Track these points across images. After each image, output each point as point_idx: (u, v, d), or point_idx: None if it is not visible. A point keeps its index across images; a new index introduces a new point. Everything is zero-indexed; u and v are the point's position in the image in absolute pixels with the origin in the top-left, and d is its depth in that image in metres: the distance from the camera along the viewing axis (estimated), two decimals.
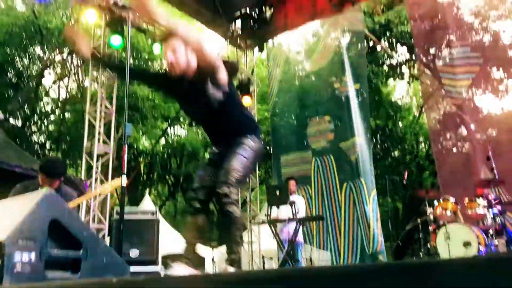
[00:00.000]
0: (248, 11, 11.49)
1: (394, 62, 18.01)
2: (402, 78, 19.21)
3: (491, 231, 6.08)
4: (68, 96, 20.44)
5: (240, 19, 11.61)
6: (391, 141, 18.81)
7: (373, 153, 16.73)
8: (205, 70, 2.95)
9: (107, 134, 8.43)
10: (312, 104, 11.88)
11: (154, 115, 17.33)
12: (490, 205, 6.20)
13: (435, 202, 6.44)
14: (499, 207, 6.21)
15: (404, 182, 8.65)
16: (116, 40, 8.28)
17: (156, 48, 9.73)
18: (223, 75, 2.98)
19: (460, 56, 10.56)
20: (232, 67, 3.20)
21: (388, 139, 18.70)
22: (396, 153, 20.02)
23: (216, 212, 3.32)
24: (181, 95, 3.21)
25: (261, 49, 11.83)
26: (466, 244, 5.77)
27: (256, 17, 11.48)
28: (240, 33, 11.73)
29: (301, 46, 16.91)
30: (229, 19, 11.69)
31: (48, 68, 19.90)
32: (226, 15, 11.44)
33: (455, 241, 5.83)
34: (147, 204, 13.40)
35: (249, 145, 3.06)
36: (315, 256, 10.18)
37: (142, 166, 23.36)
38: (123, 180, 3.84)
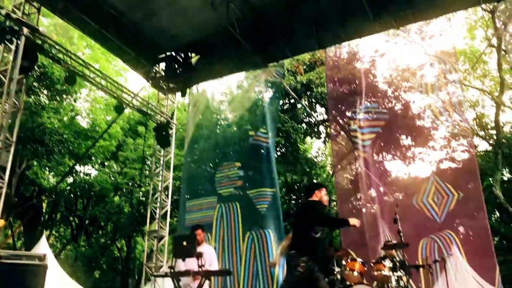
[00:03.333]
0: (173, 54, 11.36)
1: (312, 120, 18.62)
2: (319, 137, 19.86)
3: None
4: None
5: (164, 61, 11.44)
6: None
7: (287, 207, 16.90)
8: None
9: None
10: (228, 152, 11.77)
11: (62, 150, 16.20)
12: (395, 268, 6.26)
13: (343, 262, 6.39)
14: (403, 269, 6.29)
15: None
16: None
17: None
18: None
19: (368, 111, 11.11)
20: None
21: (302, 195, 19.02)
22: None
23: None
24: None
25: (183, 94, 11.62)
26: None
27: (181, 61, 11.36)
28: (163, 75, 11.52)
29: (225, 95, 17.03)
30: (153, 61, 11.47)
31: None
32: (150, 56, 11.23)
33: None
34: (42, 247, 12.12)
35: None
36: None
37: (44, 204, 21.57)
38: None
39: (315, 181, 20.16)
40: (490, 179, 15.83)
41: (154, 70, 11.58)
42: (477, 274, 8.49)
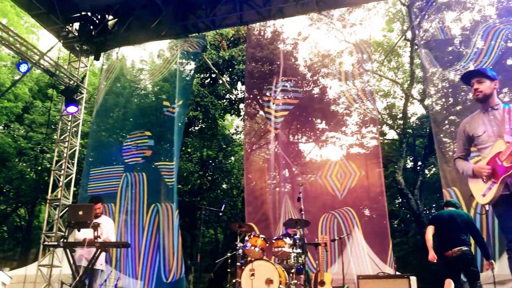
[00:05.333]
0: (89, 15, 10.68)
1: (233, 97, 18.59)
2: (239, 115, 19.92)
3: (293, 270, 6.31)
4: None
5: (78, 21, 10.72)
6: (220, 173, 19.16)
7: (200, 183, 16.85)
8: None
9: None
10: (143, 123, 11.39)
11: None
12: (295, 245, 6.45)
13: (246, 238, 6.48)
14: (301, 247, 6.50)
15: (220, 214, 8.68)
16: None
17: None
18: None
19: (283, 89, 11.29)
20: None
21: (217, 171, 19.01)
22: (225, 185, 20.45)
23: None
24: None
25: (97, 58, 10.97)
26: (269, 281, 5.87)
27: (97, 22, 10.72)
28: (76, 36, 10.81)
29: (145, 64, 16.45)
30: (66, 19, 10.71)
31: None
32: (62, 14, 10.46)
33: (258, 278, 5.88)
34: None
35: None
36: (124, 284, 9.49)
37: None
38: None
39: (232, 158, 20.28)
40: (396, 166, 16.87)
41: (66, 30, 10.81)
42: (374, 253, 9.01)
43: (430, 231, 5.87)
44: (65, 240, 5.19)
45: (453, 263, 5.59)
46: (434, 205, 21.61)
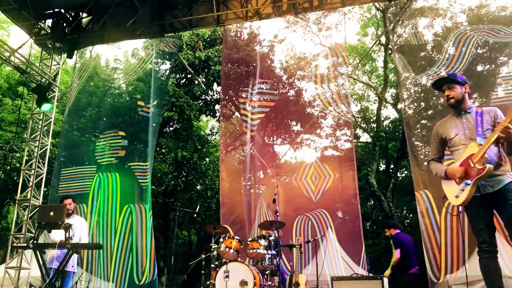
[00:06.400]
0: (62, 12, 10.48)
1: (209, 98, 18.50)
2: (214, 116, 19.84)
3: (267, 272, 6.32)
4: None
5: (51, 18, 10.51)
6: (194, 175, 19.04)
7: (175, 184, 16.71)
8: None
9: None
10: (117, 122, 11.21)
11: None
12: (269, 246, 6.47)
13: (221, 239, 6.46)
14: (276, 248, 6.52)
15: (195, 215, 8.63)
16: None
17: None
18: None
19: (259, 91, 11.32)
20: None
21: (192, 172, 18.88)
22: (199, 187, 20.33)
23: None
24: None
25: (69, 56, 10.77)
26: (243, 283, 5.86)
27: (71, 20, 10.52)
28: (49, 33, 10.58)
29: (119, 63, 16.23)
30: (38, 15, 10.48)
31: None
32: (35, 10, 10.23)
33: (233, 280, 5.88)
34: None
35: None
36: (95, 286, 9.33)
37: None
38: None
39: (207, 159, 20.18)
40: (369, 169, 17.10)
41: (39, 26, 10.57)
42: (347, 254, 9.10)
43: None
44: (35, 242, 5.05)
45: None
46: (405, 207, 22.01)
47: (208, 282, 6.18)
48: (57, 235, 5.61)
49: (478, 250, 3.48)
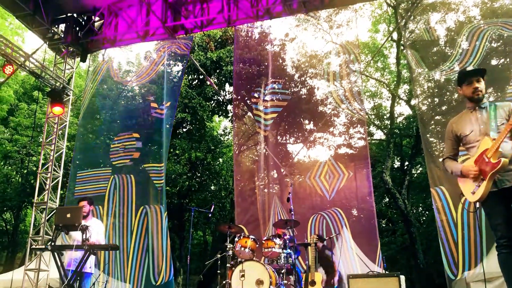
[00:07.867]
0: (75, 16, 10.61)
1: (221, 99, 18.55)
2: (227, 116, 19.88)
3: (283, 271, 6.32)
4: None
5: (64, 22, 10.64)
6: (208, 175, 19.10)
7: (189, 184, 16.76)
8: None
9: None
10: (131, 124, 11.31)
11: None
12: (285, 245, 6.47)
13: (236, 239, 6.48)
14: (292, 247, 6.52)
15: (209, 215, 8.66)
16: None
17: None
18: None
19: (272, 91, 11.32)
20: None
21: (205, 172, 18.94)
22: (213, 187, 20.40)
23: None
24: None
25: (83, 59, 10.89)
26: (259, 282, 5.87)
27: (83, 24, 10.64)
28: (62, 37, 10.71)
29: (132, 65, 16.36)
30: (51, 20, 10.61)
31: None
32: (48, 15, 10.35)
33: (249, 279, 5.89)
34: None
35: None
36: (112, 287, 9.42)
37: None
38: None
39: (221, 159, 20.24)
40: (383, 166, 16.98)
41: (52, 31, 10.70)
42: (362, 252, 9.07)
43: None
44: (52, 244, 5.12)
45: None
46: (421, 204, 21.82)
47: (224, 282, 6.20)
48: (77, 237, 5.68)
49: (496, 245, 3.43)
